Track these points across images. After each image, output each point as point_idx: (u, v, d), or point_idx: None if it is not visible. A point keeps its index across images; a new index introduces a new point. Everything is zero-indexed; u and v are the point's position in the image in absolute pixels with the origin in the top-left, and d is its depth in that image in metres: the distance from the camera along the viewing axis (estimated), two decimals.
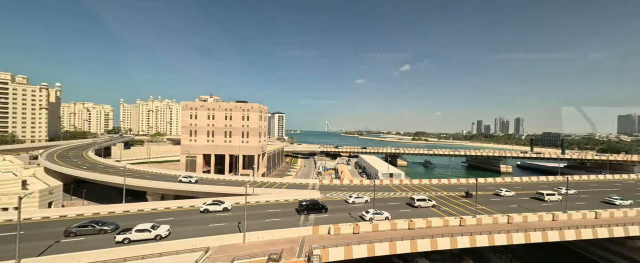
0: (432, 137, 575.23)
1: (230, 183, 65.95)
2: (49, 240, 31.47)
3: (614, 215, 48.16)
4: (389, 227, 39.04)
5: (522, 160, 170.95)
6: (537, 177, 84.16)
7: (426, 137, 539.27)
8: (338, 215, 44.56)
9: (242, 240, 32.30)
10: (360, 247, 32.23)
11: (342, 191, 62.17)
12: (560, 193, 59.63)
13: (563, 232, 40.86)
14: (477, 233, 38.58)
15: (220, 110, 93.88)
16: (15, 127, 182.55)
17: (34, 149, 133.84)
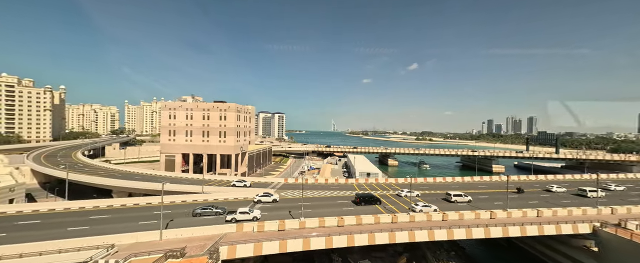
0: (438, 137, 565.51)
1: (197, 182, 66.84)
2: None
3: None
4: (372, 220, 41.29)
5: (519, 160, 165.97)
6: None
7: (431, 137, 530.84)
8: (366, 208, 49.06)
9: (159, 237, 32.78)
10: (272, 243, 32.19)
11: (307, 189, 62.59)
12: (609, 190, 65.26)
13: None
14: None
15: (198, 110, 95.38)
16: (22, 128, 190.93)
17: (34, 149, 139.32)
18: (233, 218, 39.98)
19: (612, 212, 46.78)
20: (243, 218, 40.25)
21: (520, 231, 40.18)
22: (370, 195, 53.85)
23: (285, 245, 32.53)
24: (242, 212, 40.85)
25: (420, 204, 47.89)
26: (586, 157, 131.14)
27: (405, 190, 59.68)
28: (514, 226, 40.59)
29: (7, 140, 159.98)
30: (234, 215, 40.41)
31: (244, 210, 41.14)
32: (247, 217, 40.52)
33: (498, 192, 63.22)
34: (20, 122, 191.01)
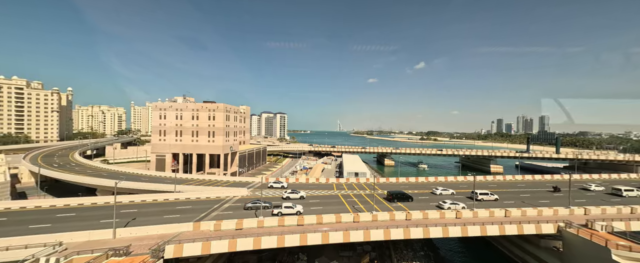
0: (444, 137, 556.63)
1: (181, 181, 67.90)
2: None
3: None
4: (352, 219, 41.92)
5: (520, 160, 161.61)
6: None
7: (436, 137, 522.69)
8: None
9: (112, 235, 33.35)
10: (221, 242, 32.32)
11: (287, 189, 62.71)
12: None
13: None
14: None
15: (187, 110, 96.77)
16: (30, 129, 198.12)
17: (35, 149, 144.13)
18: (279, 212, 43.25)
19: (585, 213, 45.11)
20: (288, 212, 43.31)
21: (480, 231, 39.19)
22: (402, 193, 55.36)
23: (235, 243, 32.57)
24: (287, 207, 43.91)
25: (448, 202, 49.25)
26: (588, 157, 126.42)
27: (441, 188, 61.01)
28: (474, 225, 39.57)
29: (15, 140, 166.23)
30: (280, 210, 43.54)
31: (289, 205, 44.31)
32: (291, 212, 43.50)
33: (506, 192, 63.25)
34: (29, 123, 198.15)
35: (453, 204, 48.94)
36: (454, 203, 49.13)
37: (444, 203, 49.37)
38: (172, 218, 41.06)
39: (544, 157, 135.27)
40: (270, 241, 34.04)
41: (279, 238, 34.36)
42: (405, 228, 38.18)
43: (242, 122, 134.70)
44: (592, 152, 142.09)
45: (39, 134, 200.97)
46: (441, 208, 48.06)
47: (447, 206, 48.47)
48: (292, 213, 43.23)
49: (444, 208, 48.10)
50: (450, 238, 54.18)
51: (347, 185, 71.94)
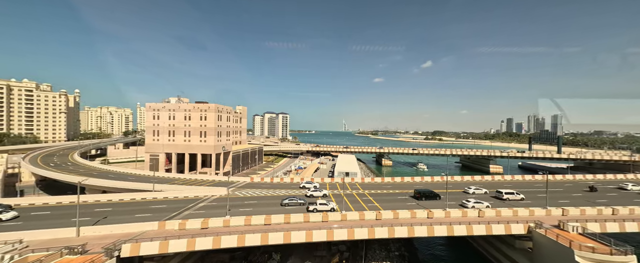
0: (450, 137, 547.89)
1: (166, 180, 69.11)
2: None
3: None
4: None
5: (523, 161, 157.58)
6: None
7: (442, 137, 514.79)
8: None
9: (75, 234, 34.04)
10: (179, 241, 32.56)
11: (271, 188, 64.03)
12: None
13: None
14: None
15: (180, 110, 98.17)
16: (39, 129, 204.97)
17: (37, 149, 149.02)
18: (315, 209, 45.06)
19: (563, 213, 43.62)
20: (323, 209, 44.97)
21: (446, 230, 38.42)
22: (430, 191, 55.95)
23: (194, 243, 32.75)
24: (322, 204, 45.74)
25: (472, 201, 49.42)
26: (592, 157, 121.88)
27: (473, 188, 61.49)
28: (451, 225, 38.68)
29: (23, 141, 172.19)
30: (315, 206, 45.42)
31: (323, 202, 46.29)
32: (326, 208, 45.31)
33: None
34: (38, 123, 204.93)
35: (477, 203, 49.06)
36: (478, 202, 49.23)
37: (468, 202, 49.47)
38: (143, 217, 41.69)
39: (544, 157, 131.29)
40: (230, 240, 34.11)
41: (240, 237, 34.41)
42: (370, 228, 37.75)
43: (238, 122, 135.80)
44: (596, 152, 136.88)
45: (48, 135, 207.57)
46: (465, 207, 48.20)
47: (471, 205, 48.63)
48: (327, 210, 44.99)
49: (468, 207, 48.18)
50: (435, 239, 54.03)
51: (331, 184, 71.60)
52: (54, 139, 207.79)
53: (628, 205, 47.13)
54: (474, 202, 49.45)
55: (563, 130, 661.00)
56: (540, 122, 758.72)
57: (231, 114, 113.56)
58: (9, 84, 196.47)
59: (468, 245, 53.17)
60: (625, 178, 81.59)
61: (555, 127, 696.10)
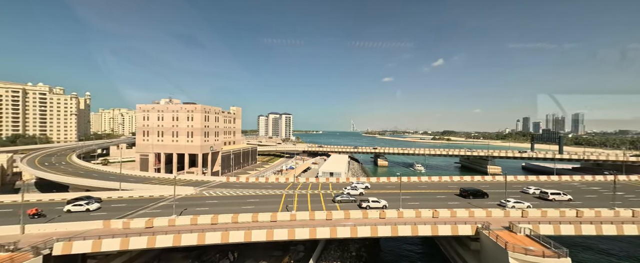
0: (460, 136, 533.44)
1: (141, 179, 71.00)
2: None
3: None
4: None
5: (526, 161, 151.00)
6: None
7: (451, 136, 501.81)
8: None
9: (20, 231, 35.27)
10: (113, 240, 33.14)
11: (245, 188, 64.74)
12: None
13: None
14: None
15: (168, 111, 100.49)
16: (52, 131, 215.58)
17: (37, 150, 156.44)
18: (367, 206, 47.00)
19: (522, 215, 42.02)
20: (375, 206, 46.78)
21: (390, 231, 37.58)
22: (477, 190, 56.09)
23: (127, 242, 33.31)
24: (374, 201, 47.66)
25: (511, 201, 48.36)
26: (596, 158, 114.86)
27: (533, 188, 60.63)
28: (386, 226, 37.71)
29: (33, 141, 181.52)
30: (368, 203, 47.21)
31: (376, 199, 48.15)
32: (378, 205, 47.09)
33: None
34: (51, 125, 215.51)
35: (517, 203, 47.77)
36: (518, 202, 47.90)
37: (508, 202, 48.02)
38: (98, 216, 42.72)
39: (544, 157, 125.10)
40: (165, 240, 34.41)
41: (176, 237, 34.65)
42: (332, 228, 37.44)
43: (232, 123, 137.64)
44: (602, 153, 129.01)
45: (60, 135, 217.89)
46: (504, 207, 46.67)
47: (511, 205, 47.12)
48: (379, 207, 46.67)
49: (508, 207, 46.61)
50: (406, 239, 52.83)
51: (313, 184, 71.19)
52: (66, 139, 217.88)
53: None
54: (513, 201, 47.85)
55: (585, 129, 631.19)
56: (560, 121, 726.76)
57: (220, 115, 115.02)
58: (24, 88, 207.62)
59: (434, 244, 51.70)
60: (628, 180, 76.47)
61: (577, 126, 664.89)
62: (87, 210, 44.84)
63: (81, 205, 45.24)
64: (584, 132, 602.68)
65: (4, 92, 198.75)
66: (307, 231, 37.68)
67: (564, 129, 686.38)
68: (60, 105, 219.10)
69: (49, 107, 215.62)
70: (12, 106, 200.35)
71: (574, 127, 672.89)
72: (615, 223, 38.33)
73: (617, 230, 37.92)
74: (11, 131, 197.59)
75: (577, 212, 42.79)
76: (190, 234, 35.14)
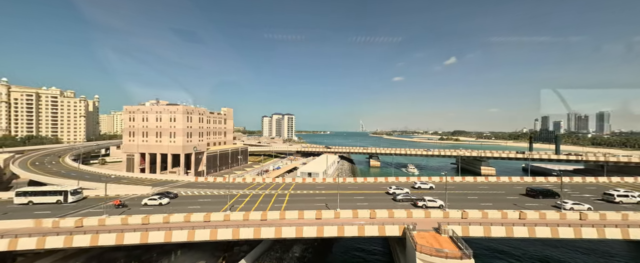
0: (471, 137, 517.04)
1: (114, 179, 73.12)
2: None
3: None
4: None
5: (526, 163, 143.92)
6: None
7: (459, 137, 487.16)
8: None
9: None
10: (30, 239, 34.58)
11: (211, 188, 65.28)
12: None
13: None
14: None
15: (152, 112, 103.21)
16: (63, 132, 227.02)
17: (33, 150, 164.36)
18: (424, 204, 47.71)
19: (462, 216, 40.34)
20: (432, 205, 47.16)
21: (336, 231, 36.77)
22: (547, 190, 54.79)
23: (44, 241, 34.47)
24: (431, 200, 48.23)
25: (569, 202, 46.72)
26: (595, 159, 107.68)
27: (622, 190, 55.64)
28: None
29: (41, 141, 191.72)
30: (424, 202, 48.01)
31: (432, 199, 48.61)
32: (435, 205, 47.32)
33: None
34: (62, 126, 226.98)
35: (575, 204, 45.88)
36: (577, 204, 45.96)
37: (565, 203, 46.20)
38: (39, 214, 44.17)
39: (541, 158, 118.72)
40: (83, 240, 35.07)
41: (93, 237, 35.27)
42: (278, 228, 37.34)
43: (222, 123, 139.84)
44: (600, 153, 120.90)
45: (70, 136, 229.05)
46: (562, 209, 44.85)
47: (569, 206, 45.45)
48: (435, 207, 46.87)
49: (566, 208, 44.95)
50: (361, 241, 51.77)
51: (285, 185, 71.29)
52: (75, 140, 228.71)
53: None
54: (572, 203, 45.78)
55: (611, 128, 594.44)
56: (583, 120, 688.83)
57: (205, 115, 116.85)
58: (38, 91, 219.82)
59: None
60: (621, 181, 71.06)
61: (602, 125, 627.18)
62: (160, 204, 49.20)
63: (155, 199, 49.58)
64: (609, 131, 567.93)
65: (19, 96, 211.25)
66: (252, 231, 37.49)
67: (587, 128, 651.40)
68: (70, 108, 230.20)
69: (60, 109, 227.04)
70: (27, 109, 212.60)
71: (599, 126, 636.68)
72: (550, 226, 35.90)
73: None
74: (25, 132, 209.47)
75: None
76: (107, 234, 35.70)
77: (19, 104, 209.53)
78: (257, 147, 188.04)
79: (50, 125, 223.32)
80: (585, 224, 36.79)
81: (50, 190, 51.96)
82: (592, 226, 36.18)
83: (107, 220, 39.89)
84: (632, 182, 72.22)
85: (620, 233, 35.56)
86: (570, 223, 37.01)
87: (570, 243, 48.26)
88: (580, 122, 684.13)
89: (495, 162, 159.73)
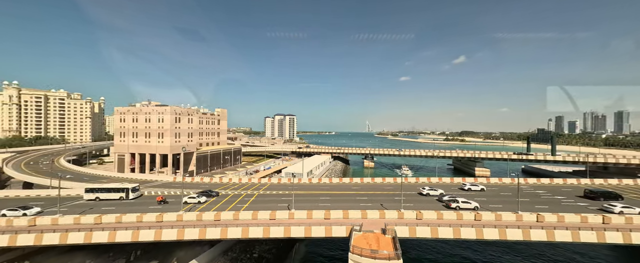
0: (479, 137, 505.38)
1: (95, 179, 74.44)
2: None
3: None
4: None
5: (526, 164, 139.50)
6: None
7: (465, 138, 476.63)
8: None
9: None
10: None
11: (186, 188, 65.01)
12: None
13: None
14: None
15: (141, 113, 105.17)
16: (69, 132, 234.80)
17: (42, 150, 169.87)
18: (457, 206, 46.22)
19: (417, 217, 39.70)
20: (465, 207, 45.80)
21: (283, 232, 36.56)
22: (608, 191, 52.73)
23: None
24: (464, 201, 47.04)
25: (618, 205, 44.78)
26: (594, 160, 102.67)
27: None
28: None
29: (48, 141, 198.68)
30: (457, 204, 46.50)
31: (466, 200, 47.41)
32: (469, 206, 45.80)
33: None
34: (68, 127, 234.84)
35: (625, 207, 43.83)
36: (627, 207, 43.89)
37: (614, 206, 44.20)
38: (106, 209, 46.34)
39: (537, 159, 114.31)
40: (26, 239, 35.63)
41: (37, 235, 35.70)
42: (224, 228, 37.30)
43: (215, 124, 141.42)
44: (600, 154, 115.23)
45: (76, 136, 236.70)
46: (610, 212, 42.88)
47: (618, 209, 43.36)
48: (470, 208, 45.38)
49: (615, 212, 42.98)
50: (329, 242, 51.18)
51: (260, 185, 71.12)
52: (82, 140, 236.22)
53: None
54: (621, 206, 43.86)
55: (630, 128, 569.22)
56: (600, 119, 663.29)
57: (194, 116, 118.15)
58: (46, 94, 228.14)
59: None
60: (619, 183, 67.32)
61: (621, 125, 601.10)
62: (199, 203, 51.02)
63: (194, 198, 51.52)
64: (629, 131, 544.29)
65: (29, 98, 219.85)
66: (197, 231, 37.52)
67: (605, 128, 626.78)
68: (77, 109, 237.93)
69: (67, 111, 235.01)
70: (36, 110, 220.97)
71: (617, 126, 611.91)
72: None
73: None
74: (34, 132, 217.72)
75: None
76: (23, 235, 36.08)
77: (28, 106, 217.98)
78: (252, 147, 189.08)
79: (58, 126, 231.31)
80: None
81: (115, 188, 54.89)
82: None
83: (60, 220, 40.46)
84: (626, 185, 68.38)
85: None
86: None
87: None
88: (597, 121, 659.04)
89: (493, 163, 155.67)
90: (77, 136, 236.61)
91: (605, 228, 35.33)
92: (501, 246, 50.73)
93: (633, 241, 33.99)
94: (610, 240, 34.51)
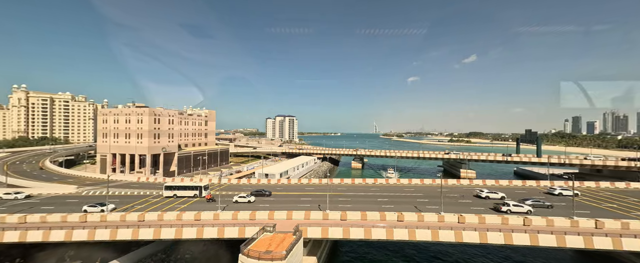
0: (486, 139, 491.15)
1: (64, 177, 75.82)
2: None
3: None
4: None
5: (518, 166, 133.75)
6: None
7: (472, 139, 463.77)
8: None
9: None
10: None
11: (144, 188, 66.03)
12: None
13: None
14: None
15: (122, 114, 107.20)
16: (73, 133, 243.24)
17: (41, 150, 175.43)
18: (508, 210, 44.11)
19: (341, 217, 38.77)
20: (517, 211, 43.82)
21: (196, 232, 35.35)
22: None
23: None
24: (516, 205, 44.84)
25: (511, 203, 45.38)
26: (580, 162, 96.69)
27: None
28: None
29: (54, 142, 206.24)
30: (509, 207, 44.35)
31: (517, 204, 45.37)
32: (521, 210, 43.90)
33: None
34: (72, 128, 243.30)
35: (516, 206, 44.64)
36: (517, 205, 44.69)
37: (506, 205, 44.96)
38: None
39: (522, 161, 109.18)
40: None
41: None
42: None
43: (202, 125, 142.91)
44: (589, 156, 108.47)
45: (80, 137, 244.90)
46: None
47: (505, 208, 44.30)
48: (523, 212, 43.38)
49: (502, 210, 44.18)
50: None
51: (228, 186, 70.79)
52: (85, 141, 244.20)
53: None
54: (512, 204, 44.54)
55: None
56: (622, 120, 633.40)
57: (175, 117, 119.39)
58: (52, 96, 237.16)
59: None
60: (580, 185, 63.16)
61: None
62: (249, 202, 52.66)
63: (244, 197, 53.45)
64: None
65: (36, 101, 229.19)
66: (130, 232, 37.64)
67: (627, 129, 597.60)
68: (80, 111, 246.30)
69: (71, 113, 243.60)
70: (42, 112, 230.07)
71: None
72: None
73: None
74: (41, 133, 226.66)
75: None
76: (13, 232, 36.71)
77: (35, 108, 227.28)
78: (242, 148, 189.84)
79: (63, 128, 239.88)
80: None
81: (189, 186, 58.23)
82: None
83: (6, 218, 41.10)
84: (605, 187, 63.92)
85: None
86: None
87: None
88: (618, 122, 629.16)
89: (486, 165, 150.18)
90: (80, 137, 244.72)
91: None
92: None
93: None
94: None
